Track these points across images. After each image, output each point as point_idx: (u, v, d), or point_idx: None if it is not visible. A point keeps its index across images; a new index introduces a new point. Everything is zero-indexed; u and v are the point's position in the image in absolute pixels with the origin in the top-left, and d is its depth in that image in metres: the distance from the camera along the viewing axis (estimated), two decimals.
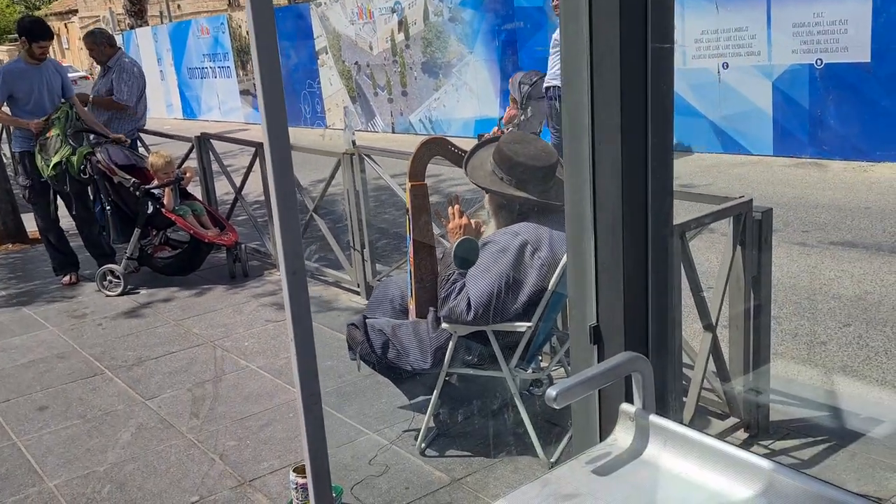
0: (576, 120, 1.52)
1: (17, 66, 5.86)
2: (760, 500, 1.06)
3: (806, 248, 5.27)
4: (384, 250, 5.96)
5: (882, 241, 5.34)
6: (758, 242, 2.95)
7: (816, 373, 3.61)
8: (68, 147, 5.65)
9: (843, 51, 7.70)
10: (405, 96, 13.19)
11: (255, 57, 1.36)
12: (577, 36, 1.47)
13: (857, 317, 4.12)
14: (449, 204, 3.21)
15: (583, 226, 1.56)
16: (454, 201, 3.18)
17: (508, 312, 2.93)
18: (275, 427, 3.52)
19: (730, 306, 3.04)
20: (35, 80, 5.77)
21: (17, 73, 5.79)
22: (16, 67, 5.84)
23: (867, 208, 6.13)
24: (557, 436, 3.15)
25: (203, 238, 5.64)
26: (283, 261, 1.48)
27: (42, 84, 5.79)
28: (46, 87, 5.81)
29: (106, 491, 3.12)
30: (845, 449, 2.93)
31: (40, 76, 5.79)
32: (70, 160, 5.64)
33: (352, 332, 3.23)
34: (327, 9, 14.17)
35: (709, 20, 8.69)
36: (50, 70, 5.87)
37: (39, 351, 4.71)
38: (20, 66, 5.81)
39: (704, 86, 8.87)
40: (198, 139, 6.48)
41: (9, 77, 5.77)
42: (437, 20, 12.28)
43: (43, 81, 5.79)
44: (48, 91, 5.81)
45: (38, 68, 5.78)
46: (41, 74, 5.79)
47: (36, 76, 5.78)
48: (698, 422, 3.10)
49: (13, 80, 5.76)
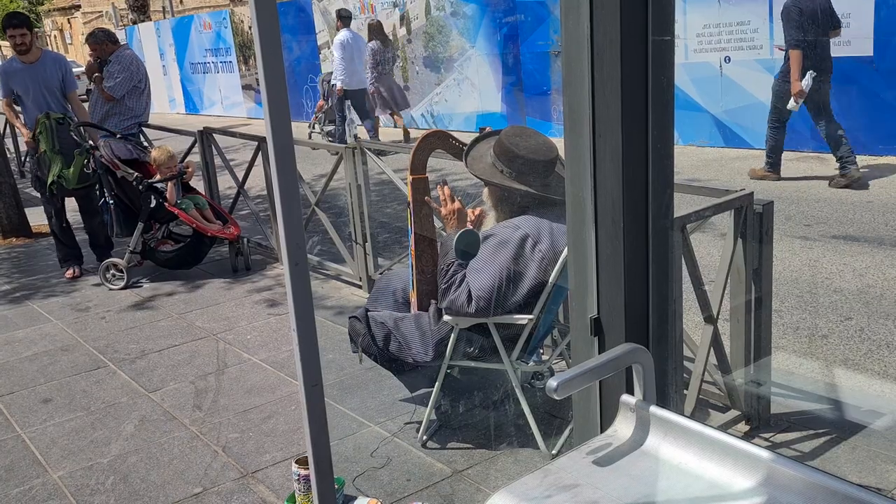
0: (576, 112, 1.52)
1: (10, 64, 5.88)
2: (761, 490, 1.06)
3: (807, 241, 5.27)
4: (386, 244, 5.97)
5: (884, 234, 5.34)
6: (759, 235, 2.95)
7: (817, 366, 3.62)
8: (59, 162, 5.65)
9: (845, 44, 7.68)
10: (407, 91, 13.18)
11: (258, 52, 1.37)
12: (577, 28, 1.48)
13: (858, 310, 4.13)
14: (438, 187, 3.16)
15: (583, 218, 1.56)
16: (443, 185, 3.15)
17: (510, 305, 2.93)
18: (277, 419, 3.53)
19: (731, 299, 3.04)
20: (29, 78, 5.76)
21: (11, 71, 5.82)
22: (10, 66, 5.87)
23: (869, 202, 6.12)
24: (558, 427, 3.16)
25: (206, 232, 5.65)
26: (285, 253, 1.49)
27: (38, 82, 5.78)
28: (43, 84, 5.79)
29: (109, 482, 3.13)
30: (846, 441, 2.94)
31: (34, 74, 5.76)
32: (64, 174, 5.65)
33: (353, 324, 3.24)
34: (329, 3, 14.15)
35: (710, 14, 8.67)
36: (48, 66, 5.83)
37: (43, 344, 4.73)
38: (14, 65, 5.84)
39: (706, 80, 8.85)
40: (200, 133, 6.49)
41: (5, 75, 5.83)
42: (438, 14, 12.26)
43: (38, 79, 5.77)
44: (45, 89, 5.80)
45: (32, 66, 5.76)
46: (35, 72, 5.77)
47: (30, 74, 5.76)
48: (699, 414, 3.11)
49: (9, 77, 5.81)
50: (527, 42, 10.98)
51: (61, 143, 5.67)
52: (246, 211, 6.81)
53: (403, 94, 11.97)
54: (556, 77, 10.49)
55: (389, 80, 11.32)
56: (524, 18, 10.95)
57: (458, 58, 12.11)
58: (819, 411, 3.25)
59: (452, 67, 12.25)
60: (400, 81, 13.22)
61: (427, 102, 12.82)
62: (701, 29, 8.76)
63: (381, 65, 11.00)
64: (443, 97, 12.55)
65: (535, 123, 10.53)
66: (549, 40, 10.61)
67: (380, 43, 10.98)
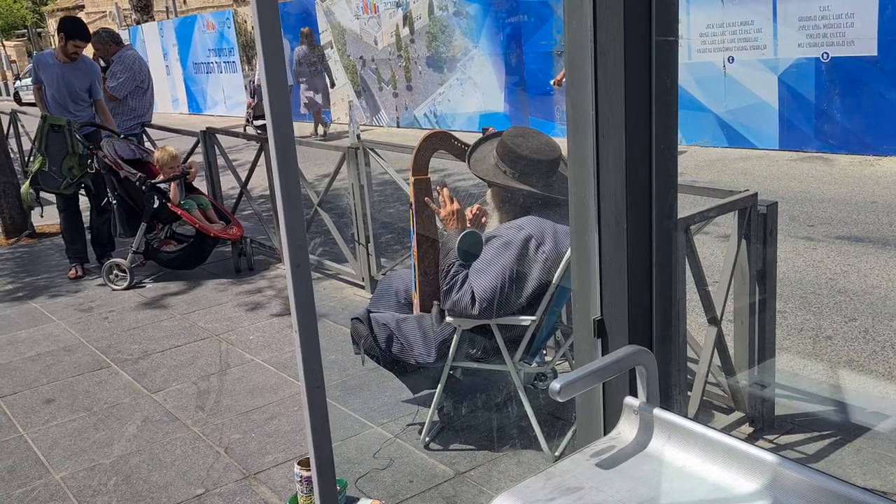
0: (579, 113, 1.51)
1: (45, 57, 6.05)
2: (765, 493, 1.06)
3: (812, 242, 5.26)
4: (388, 244, 5.96)
5: (888, 235, 5.33)
6: (763, 236, 2.94)
7: (822, 367, 3.61)
8: (40, 160, 5.80)
9: (850, 44, 7.67)
10: (410, 91, 13.18)
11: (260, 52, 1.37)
12: (580, 29, 1.47)
13: (863, 311, 4.12)
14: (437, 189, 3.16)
15: (587, 219, 1.55)
16: (442, 187, 3.15)
17: (513, 306, 2.93)
18: (280, 420, 3.53)
19: (734, 300, 3.03)
20: (57, 75, 5.89)
21: (43, 63, 5.99)
22: (43, 58, 6.05)
23: (873, 202, 6.11)
24: (561, 429, 3.15)
25: (208, 232, 5.65)
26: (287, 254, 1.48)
27: (62, 81, 5.90)
28: (66, 85, 5.91)
29: (112, 483, 3.13)
30: (851, 443, 2.93)
31: (62, 73, 5.89)
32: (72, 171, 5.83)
33: (356, 326, 3.24)
34: (332, 3, 14.16)
35: (714, 14, 8.66)
36: (79, 70, 5.96)
37: (46, 344, 4.73)
38: (48, 59, 5.99)
39: (710, 80, 8.84)
40: (203, 134, 6.49)
41: (37, 64, 6.03)
42: (441, 14, 12.26)
43: (64, 79, 5.90)
44: (68, 89, 5.91)
45: (63, 66, 5.89)
46: (64, 72, 5.89)
47: (58, 72, 5.89)
48: (703, 416, 3.10)
49: (40, 67, 5.98)
50: (530, 42, 10.98)
51: (48, 145, 5.78)
52: (249, 211, 6.81)
53: (327, 97, 13.33)
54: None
55: (316, 81, 12.90)
56: (527, 19, 10.95)
57: (461, 57, 12.11)
58: (823, 413, 3.24)
59: (455, 67, 12.25)
60: (403, 81, 13.23)
61: (430, 102, 12.83)
62: (704, 29, 8.75)
63: (306, 66, 12.74)
64: (446, 97, 12.55)
65: (538, 123, 10.52)
66: (552, 40, 10.61)
67: (306, 48, 12.73)
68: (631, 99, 1.44)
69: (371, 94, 13.98)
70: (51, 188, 5.89)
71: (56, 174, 5.81)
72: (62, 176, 5.82)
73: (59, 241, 6.63)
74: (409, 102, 13.27)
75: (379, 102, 13.89)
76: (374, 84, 13.85)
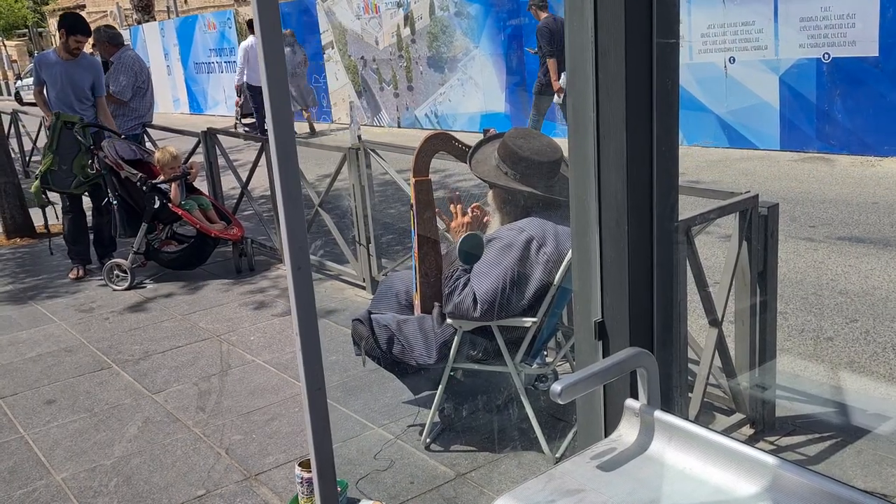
0: (580, 114, 1.51)
1: (47, 56, 6.05)
2: (766, 495, 1.06)
3: (813, 243, 5.25)
4: (389, 245, 5.96)
5: (889, 236, 5.32)
6: (764, 238, 2.93)
7: (823, 368, 3.60)
8: (50, 159, 5.77)
9: (851, 45, 7.66)
10: (411, 91, 13.18)
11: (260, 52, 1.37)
12: (581, 30, 1.47)
13: (864, 312, 4.11)
14: (450, 203, 3.22)
15: (588, 221, 1.55)
16: (456, 200, 3.19)
17: (514, 308, 2.93)
18: (280, 421, 3.53)
19: (735, 302, 3.03)
20: (59, 73, 5.90)
21: (45, 62, 5.99)
22: (45, 57, 6.05)
23: (875, 203, 6.10)
24: (562, 431, 3.15)
25: (209, 232, 5.65)
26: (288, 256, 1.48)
27: (66, 79, 5.91)
28: (70, 82, 5.91)
29: (113, 484, 3.13)
30: (852, 445, 2.93)
31: (65, 71, 5.89)
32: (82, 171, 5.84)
33: (357, 327, 3.24)
34: (333, 4, 14.16)
35: (715, 14, 8.66)
36: (82, 67, 5.96)
37: (47, 345, 4.73)
38: (50, 58, 5.99)
39: (711, 80, 8.84)
40: (204, 134, 6.49)
41: (38, 64, 6.03)
42: (442, 15, 12.26)
43: (67, 76, 5.90)
44: (72, 87, 5.92)
45: (65, 63, 5.89)
46: (67, 69, 5.89)
47: (61, 70, 5.89)
48: (703, 418, 3.10)
49: (41, 67, 5.98)
50: (531, 42, 10.97)
51: (59, 144, 5.76)
52: (249, 211, 6.81)
53: (312, 94, 13.75)
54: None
55: (298, 80, 13.16)
56: (528, 20, 10.94)
57: (462, 58, 12.11)
58: (824, 415, 3.24)
59: (456, 67, 12.25)
60: (404, 81, 13.23)
61: (431, 102, 12.83)
62: (706, 29, 8.75)
63: (290, 66, 12.82)
64: (447, 97, 12.55)
65: None
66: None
67: (290, 49, 12.85)
68: (632, 100, 1.44)
69: (372, 94, 13.98)
70: (60, 188, 5.85)
71: (66, 173, 5.78)
72: (72, 175, 5.79)
73: (58, 241, 6.62)
74: (410, 102, 13.27)
75: (380, 102, 13.89)
76: (374, 84, 13.85)
